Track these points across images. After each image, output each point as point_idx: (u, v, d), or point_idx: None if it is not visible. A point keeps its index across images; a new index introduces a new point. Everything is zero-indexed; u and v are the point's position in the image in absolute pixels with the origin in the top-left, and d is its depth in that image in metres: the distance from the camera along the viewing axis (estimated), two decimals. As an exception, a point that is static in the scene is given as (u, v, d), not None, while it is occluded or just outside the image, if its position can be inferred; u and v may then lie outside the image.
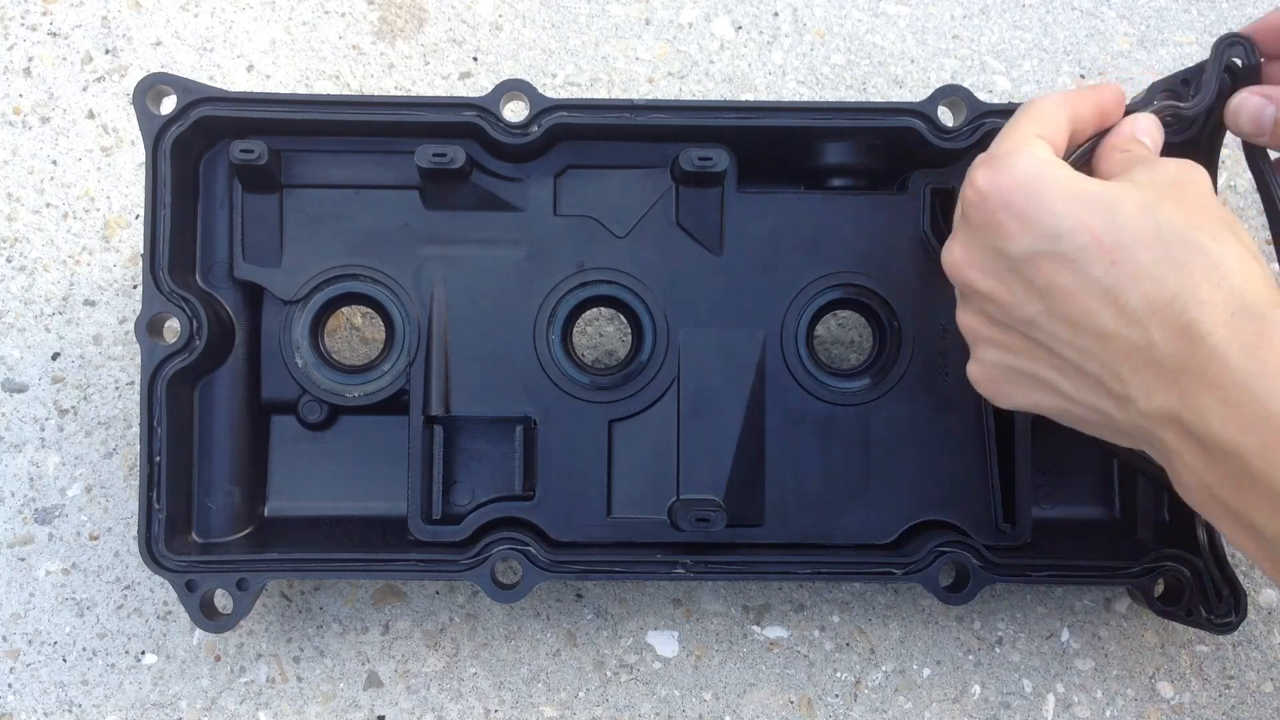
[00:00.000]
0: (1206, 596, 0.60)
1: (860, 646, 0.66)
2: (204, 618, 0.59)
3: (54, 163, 0.70)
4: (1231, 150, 0.66)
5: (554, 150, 0.62)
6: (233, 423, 0.62)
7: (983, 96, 0.59)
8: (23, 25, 0.71)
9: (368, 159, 0.62)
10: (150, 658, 0.65)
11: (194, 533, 0.61)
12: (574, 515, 0.61)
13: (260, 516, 0.63)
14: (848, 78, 0.72)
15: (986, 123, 0.60)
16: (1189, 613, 0.60)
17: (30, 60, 0.71)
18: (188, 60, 0.71)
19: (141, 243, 0.62)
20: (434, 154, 0.58)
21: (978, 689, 0.66)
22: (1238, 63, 0.56)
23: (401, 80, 0.72)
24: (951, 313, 0.55)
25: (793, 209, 0.63)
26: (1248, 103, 0.55)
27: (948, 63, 0.73)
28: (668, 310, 0.62)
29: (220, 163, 0.62)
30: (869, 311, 0.64)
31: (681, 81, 0.72)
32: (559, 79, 0.72)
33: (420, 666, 0.66)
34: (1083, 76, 0.73)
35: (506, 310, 0.62)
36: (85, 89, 0.71)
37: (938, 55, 0.73)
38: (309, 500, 0.64)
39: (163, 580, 0.64)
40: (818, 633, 0.67)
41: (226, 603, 0.59)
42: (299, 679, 0.65)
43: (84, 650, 0.65)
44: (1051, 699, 0.66)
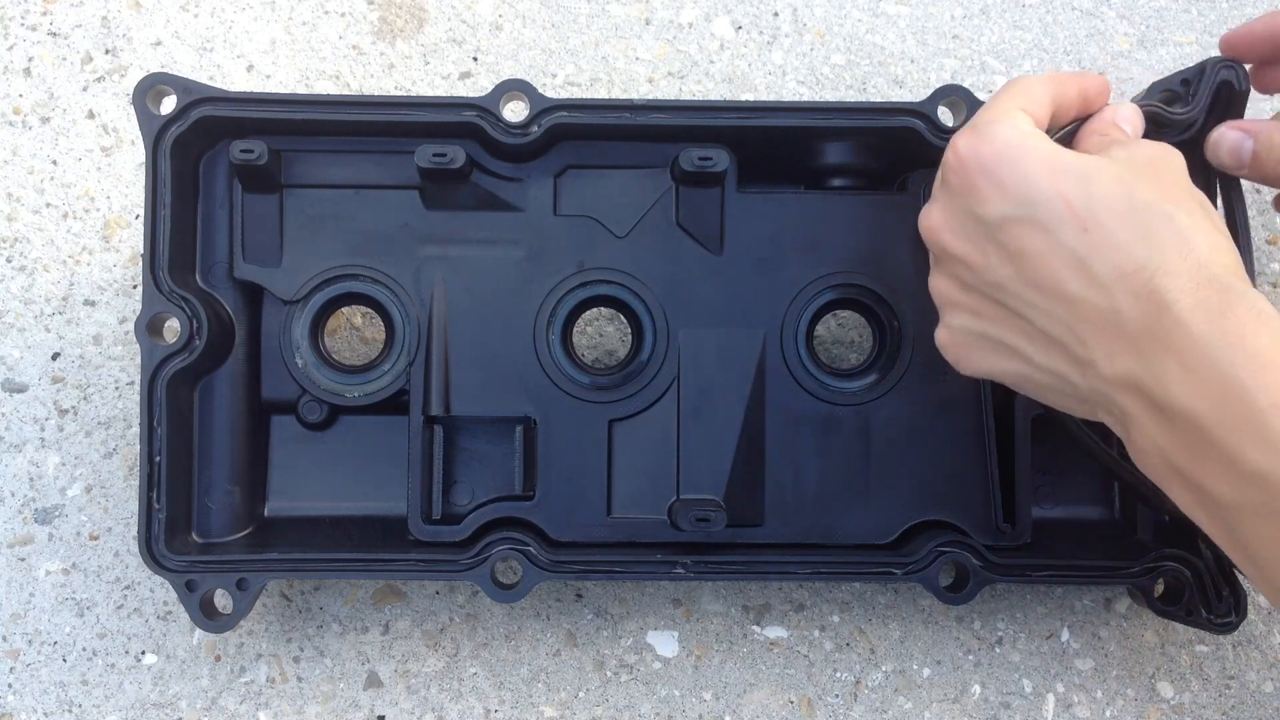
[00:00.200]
0: (1206, 596, 0.60)
1: (860, 646, 0.66)
2: (204, 618, 0.59)
3: (54, 163, 0.70)
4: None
5: (554, 150, 0.62)
6: (233, 423, 0.62)
7: (983, 96, 0.59)
8: (23, 25, 0.71)
9: (368, 159, 0.62)
10: (150, 658, 0.65)
11: (194, 533, 0.61)
12: (574, 515, 0.61)
13: (260, 516, 0.63)
14: (848, 78, 0.72)
15: (986, 123, 0.60)
16: (1189, 613, 0.60)
17: (30, 60, 0.71)
18: (188, 60, 0.71)
19: (141, 243, 0.62)
20: (434, 154, 0.58)
21: (978, 689, 0.66)
22: (1231, 85, 0.57)
23: (401, 80, 0.72)
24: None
25: (792, 209, 0.63)
26: (1227, 137, 0.57)
27: (948, 63, 0.73)
28: (668, 310, 0.62)
29: (220, 163, 0.62)
30: (869, 311, 0.64)
31: (681, 81, 0.72)
32: (559, 79, 0.72)
33: (420, 666, 0.66)
34: (1078, 72, 0.73)
35: (506, 310, 0.62)
36: (85, 89, 0.71)
37: (938, 55, 0.73)
38: (309, 500, 0.64)
39: (163, 580, 0.64)
40: (818, 633, 0.67)
41: (226, 603, 0.59)
42: (299, 679, 0.65)
43: (84, 650, 0.65)
44: (1051, 699, 0.66)
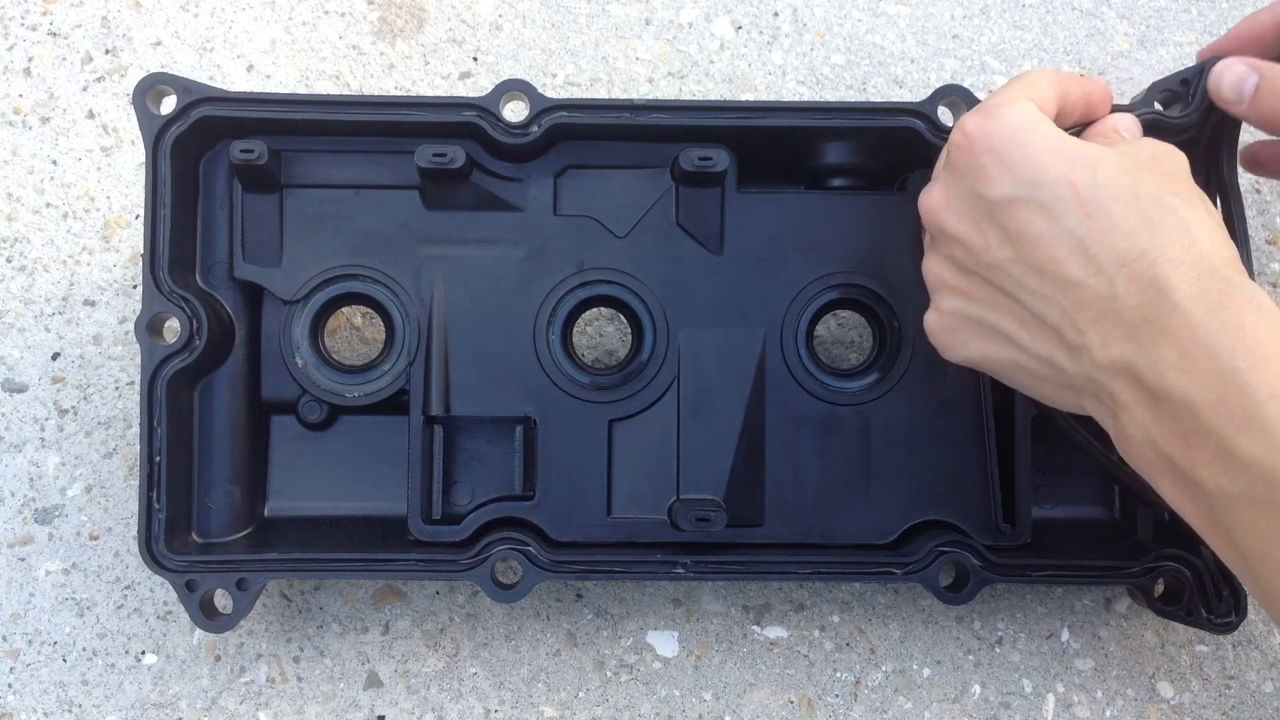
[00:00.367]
0: (1206, 596, 0.60)
1: (860, 646, 0.66)
2: (204, 618, 0.59)
3: (54, 163, 0.70)
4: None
5: (554, 150, 0.62)
6: (233, 423, 0.62)
7: (982, 96, 0.59)
8: (23, 25, 0.71)
9: (368, 159, 0.62)
10: (150, 658, 0.65)
11: (194, 533, 0.61)
12: (574, 515, 0.61)
13: (260, 516, 0.63)
14: (848, 78, 0.72)
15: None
16: (1189, 613, 0.60)
17: (30, 60, 0.71)
18: (188, 60, 0.71)
19: (141, 243, 0.62)
20: (434, 154, 0.58)
21: (978, 689, 0.66)
22: None
23: (401, 80, 0.72)
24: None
25: (792, 209, 0.62)
26: (1232, 69, 0.56)
27: (948, 63, 0.73)
28: (668, 310, 0.62)
29: (220, 163, 0.62)
30: (869, 311, 0.64)
31: (681, 81, 0.72)
32: (559, 79, 0.72)
33: (420, 666, 0.66)
34: (1082, 76, 0.73)
35: (506, 310, 0.62)
36: (85, 89, 0.71)
37: (938, 55, 0.73)
38: (309, 500, 0.64)
39: (163, 580, 0.64)
40: (818, 633, 0.67)
41: (226, 603, 0.59)
42: (299, 679, 0.65)
43: (84, 650, 0.65)
44: (1051, 699, 0.66)
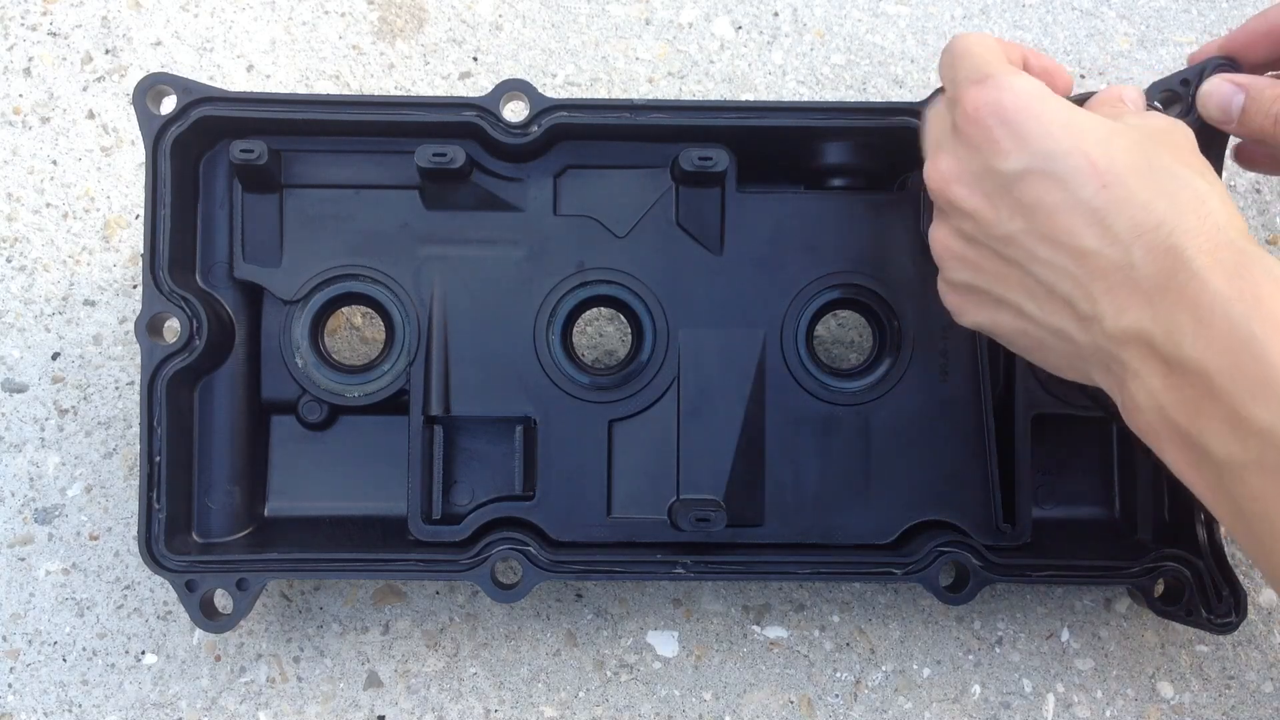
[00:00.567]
0: (1206, 596, 0.60)
1: (860, 646, 0.66)
2: (204, 618, 0.59)
3: (54, 163, 0.70)
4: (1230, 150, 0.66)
5: (554, 150, 0.62)
6: (233, 423, 0.62)
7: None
8: (23, 25, 0.71)
9: (368, 159, 0.62)
10: (150, 658, 0.65)
11: (194, 533, 0.61)
12: (574, 515, 0.61)
13: (260, 516, 0.63)
14: (848, 78, 0.72)
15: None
16: (1189, 613, 0.60)
17: (30, 60, 0.71)
18: (188, 60, 0.71)
19: (141, 243, 0.62)
20: (434, 154, 0.58)
21: (978, 689, 0.66)
22: None
23: (401, 80, 0.72)
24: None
25: (792, 209, 0.62)
26: (1218, 89, 0.57)
27: (948, 63, 0.73)
28: (668, 310, 0.62)
29: (220, 163, 0.62)
30: (869, 311, 0.64)
31: (681, 81, 0.72)
32: (559, 79, 0.72)
33: (420, 666, 0.66)
34: (1083, 76, 0.73)
35: (506, 310, 0.62)
36: (85, 89, 0.71)
37: (937, 55, 0.73)
38: (309, 500, 0.64)
39: (163, 580, 0.64)
40: (818, 633, 0.67)
41: (226, 603, 0.59)
42: (299, 679, 0.65)
43: (84, 650, 0.65)
44: (1051, 699, 0.66)
